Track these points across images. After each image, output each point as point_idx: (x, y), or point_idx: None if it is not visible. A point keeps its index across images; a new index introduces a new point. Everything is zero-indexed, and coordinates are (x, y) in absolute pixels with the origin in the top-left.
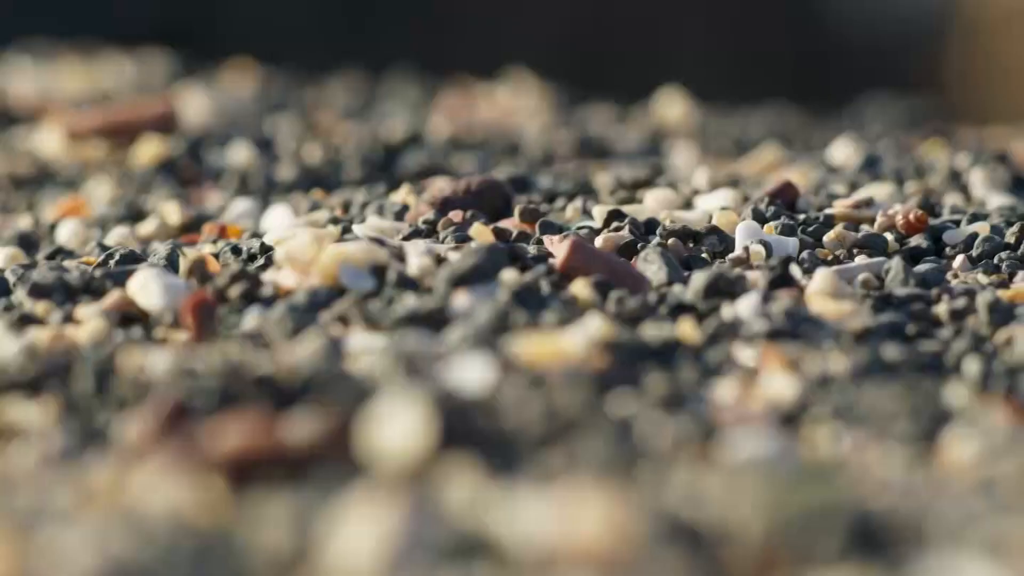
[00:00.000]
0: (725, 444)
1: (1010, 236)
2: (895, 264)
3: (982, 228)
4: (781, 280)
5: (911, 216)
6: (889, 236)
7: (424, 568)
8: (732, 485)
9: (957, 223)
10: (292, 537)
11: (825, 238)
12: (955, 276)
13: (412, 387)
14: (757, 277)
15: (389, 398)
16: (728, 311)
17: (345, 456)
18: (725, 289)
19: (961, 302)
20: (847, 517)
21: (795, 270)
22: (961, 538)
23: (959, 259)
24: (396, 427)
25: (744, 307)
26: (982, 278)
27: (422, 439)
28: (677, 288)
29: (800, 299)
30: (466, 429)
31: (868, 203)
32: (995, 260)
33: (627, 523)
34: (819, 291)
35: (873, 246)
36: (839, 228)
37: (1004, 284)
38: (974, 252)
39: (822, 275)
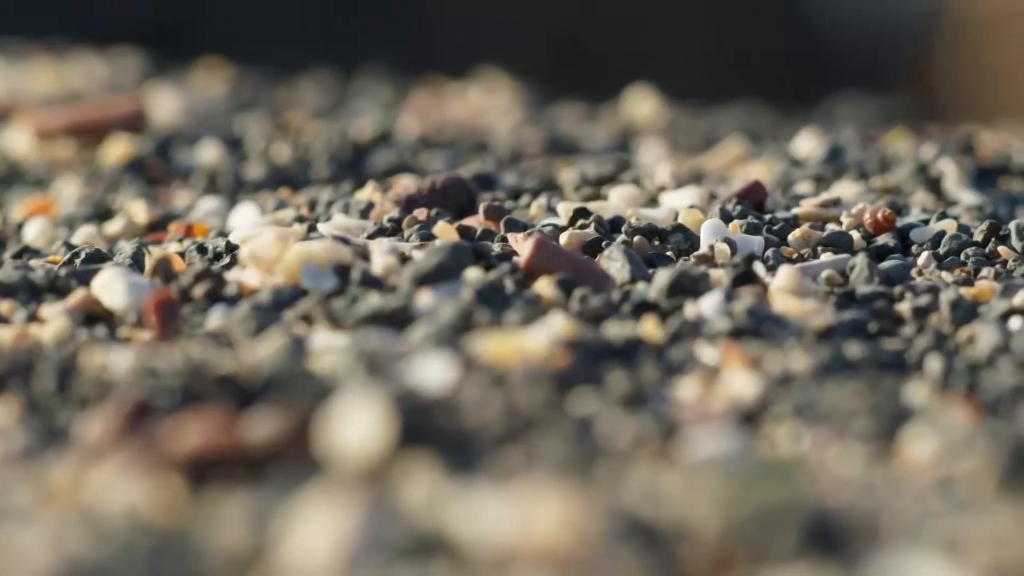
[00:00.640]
0: (685, 443)
1: (978, 235)
2: (859, 261)
3: (949, 226)
4: (745, 278)
5: (879, 215)
6: (855, 234)
7: (380, 567)
8: (690, 483)
9: (926, 222)
10: (249, 536)
11: (790, 237)
12: (920, 274)
13: (372, 386)
14: (721, 275)
15: (348, 397)
16: (691, 309)
17: (304, 455)
18: (689, 287)
19: (924, 299)
20: (803, 515)
21: (759, 268)
22: (917, 536)
23: (924, 256)
24: (355, 426)
25: (707, 305)
26: (947, 276)
27: (381, 438)
28: (641, 286)
29: (763, 297)
30: (425, 428)
31: (835, 203)
32: (961, 256)
33: (584, 521)
34: (782, 288)
35: (839, 244)
36: (805, 227)
37: (968, 281)
38: (941, 249)
39: (785, 272)
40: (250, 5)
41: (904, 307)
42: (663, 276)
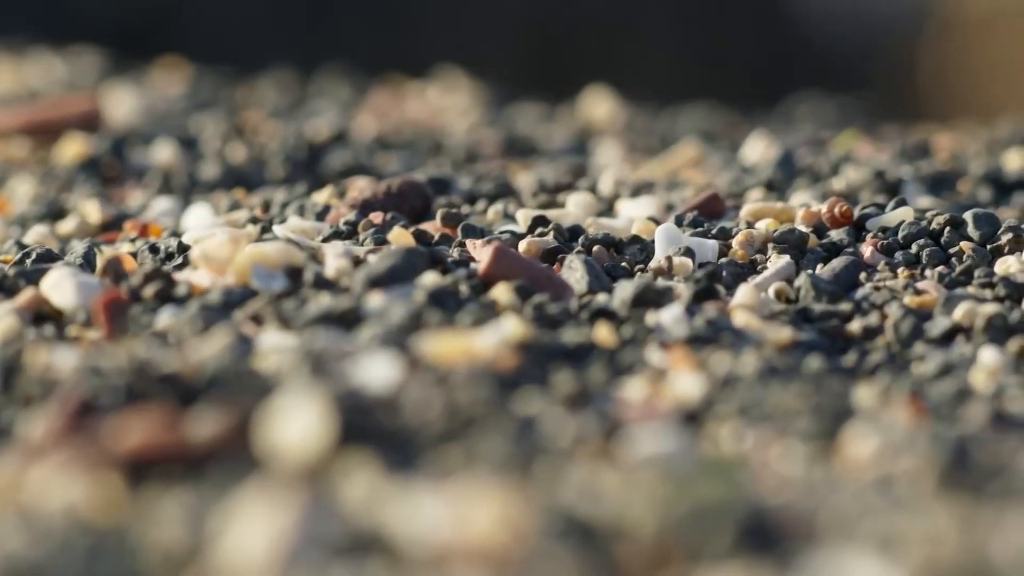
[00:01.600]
0: (627, 442)
1: (935, 224)
2: (803, 281)
3: (906, 214)
4: (706, 293)
5: (836, 210)
6: (805, 229)
7: (317, 565)
8: (628, 482)
9: (882, 207)
10: (186, 534)
11: (735, 240)
12: (868, 278)
13: (314, 385)
14: (682, 290)
15: (288, 395)
16: (651, 318)
17: (244, 453)
18: (653, 300)
19: (873, 318)
20: (739, 514)
21: (719, 288)
22: (852, 534)
23: (868, 250)
24: (295, 424)
25: (667, 316)
26: (895, 283)
27: (320, 436)
28: (602, 297)
29: (724, 311)
30: (366, 426)
31: (788, 202)
32: (913, 248)
33: (521, 520)
34: (742, 305)
35: (789, 242)
36: (747, 229)
37: (915, 289)
38: (899, 236)
39: (744, 291)
40: (221, 4)
41: (855, 327)
42: (627, 288)
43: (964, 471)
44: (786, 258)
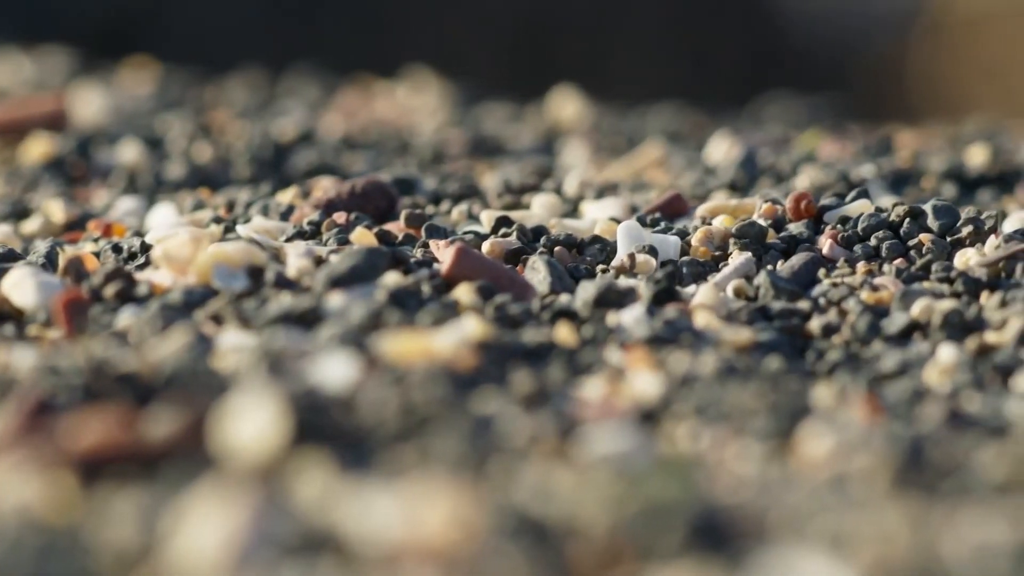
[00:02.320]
0: (582, 441)
1: (895, 216)
2: (762, 279)
3: (864, 206)
4: (667, 294)
5: (802, 204)
6: (763, 222)
7: (268, 564)
8: (581, 481)
9: (842, 196)
10: (138, 533)
11: (694, 239)
12: (826, 275)
13: (269, 384)
14: (643, 290)
15: (244, 394)
16: (612, 319)
17: (200, 452)
18: (615, 301)
19: (832, 316)
20: (690, 513)
21: (680, 288)
22: (803, 533)
23: (828, 244)
24: (249, 424)
25: (628, 316)
26: (854, 279)
27: (275, 435)
28: (564, 297)
29: (685, 312)
30: (321, 425)
31: (747, 197)
32: (872, 241)
33: (473, 519)
34: (702, 305)
35: (748, 236)
36: (705, 226)
37: (873, 285)
38: (859, 228)
39: (705, 290)
40: (203, 5)
41: (814, 325)
42: (589, 289)
43: (918, 470)
44: (746, 255)
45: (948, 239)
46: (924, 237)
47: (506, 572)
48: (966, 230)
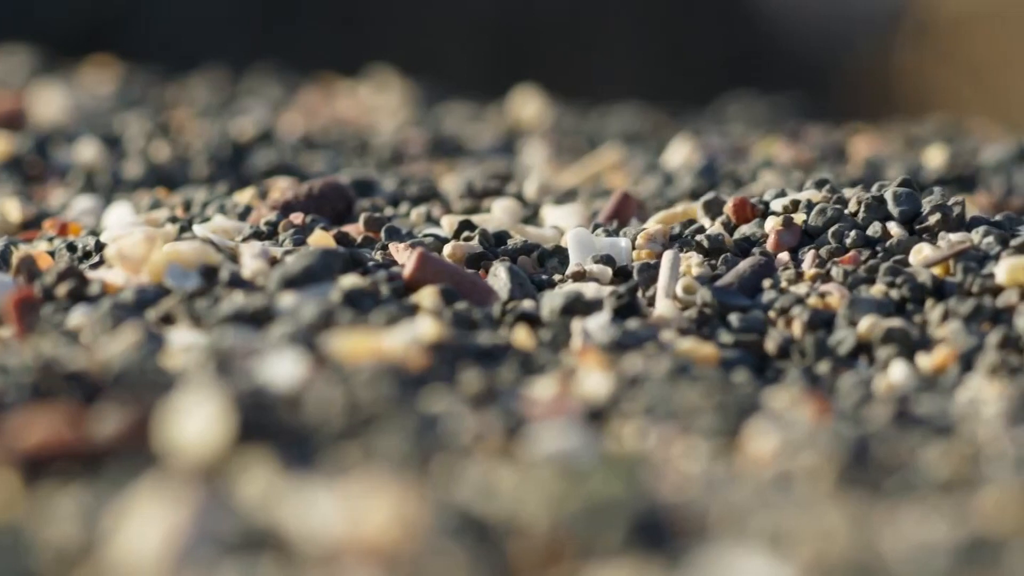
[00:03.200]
0: (529, 439)
1: (853, 205)
2: (706, 295)
3: (813, 195)
4: (628, 309)
5: (745, 207)
6: (716, 228)
7: (208, 562)
8: (524, 479)
9: (783, 193)
10: (80, 531)
11: (639, 238)
12: (773, 284)
13: (214, 382)
14: (607, 300)
15: (188, 393)
16: (576, 325)
17: (144, 451)
18: (581, 311)
19: (782, 329)
20: (632, 511)
21: (641, 297)
22: (744, 530)
23: (772, 237)
24: (193, 422)
25: (592, 324)
26: (800, 288)
27: (219, 433)
28: (528, 303)
29: (647, 324)
30: (266, 424)
31: (695, 201)
32: (829, 235)
33: (414, 517)
34: (663, 318)
35: (708, 243)
36: (652, 226)
37: (821, 280)
38: (810, 220)
39: (664, 304)
40: (175, 4)
41: (769, 346)
42: (556, 299)
43: (863, 468)
44: (669, 251)
45: (916, 228)
46: (896, 234)
47: (447, 570)
48: (933, 218)
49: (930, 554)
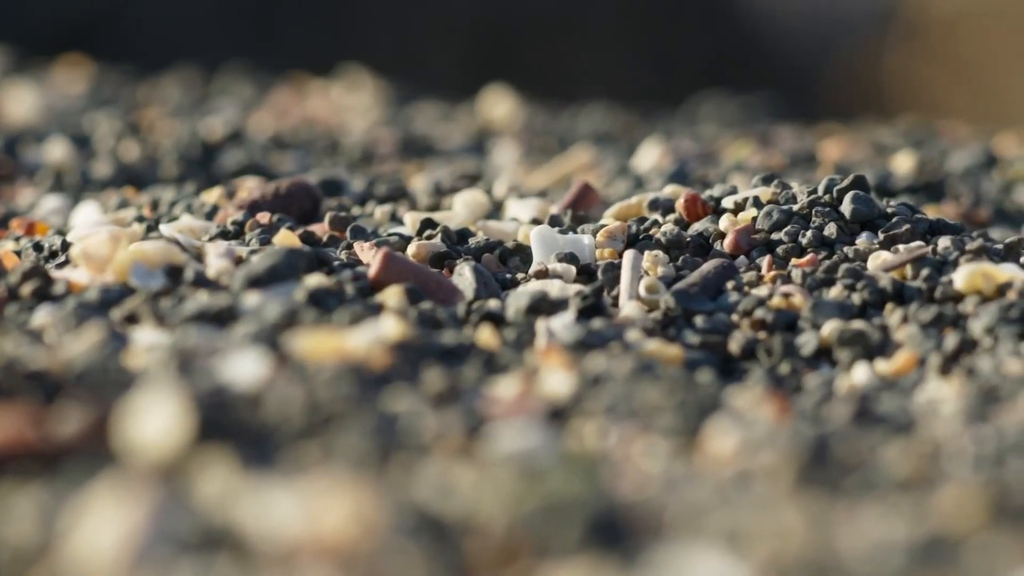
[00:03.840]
0: (489, 438)
1: (802, 196)
2: (669, 300)
3: (764, 193)
4: (593, 309)
5: (695, 204)
6: (669, 226)
7: (164, 561)
8: (482, 478)
9: (735, 191)
10: (37, 531)
11: (599, 235)
12: (734, 287)
13: (174, 382)
14: (572, 300)
15: (147, 392)
16: (540, 325)
17: (104, 450)
18: (547, 310)
19: (746, 331)
20: (589, 509)
21: (606, 301)
22: (700, 530)
23: (730, 237)
24: (153, 421)
25: (557, 324)
26: (760, 291)
27: (178, 433)
28: (493, 303)
29: (613, 324)
30: (226, 423)
31: (655, 203)
32: (784, 235)
33: (372, 516)
34: (630, 319)
35: (658, 240)
36: (610, 222)
37: (781, 281)
38: (761, 224)
39: (629, 305)
40: (158, 5)
41: (733, 347)
42: (522, 298)
43: (823, 467)
44: (630, 252)
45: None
46: (861, 243)
47: (403, 569)
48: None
49: (887, 552)
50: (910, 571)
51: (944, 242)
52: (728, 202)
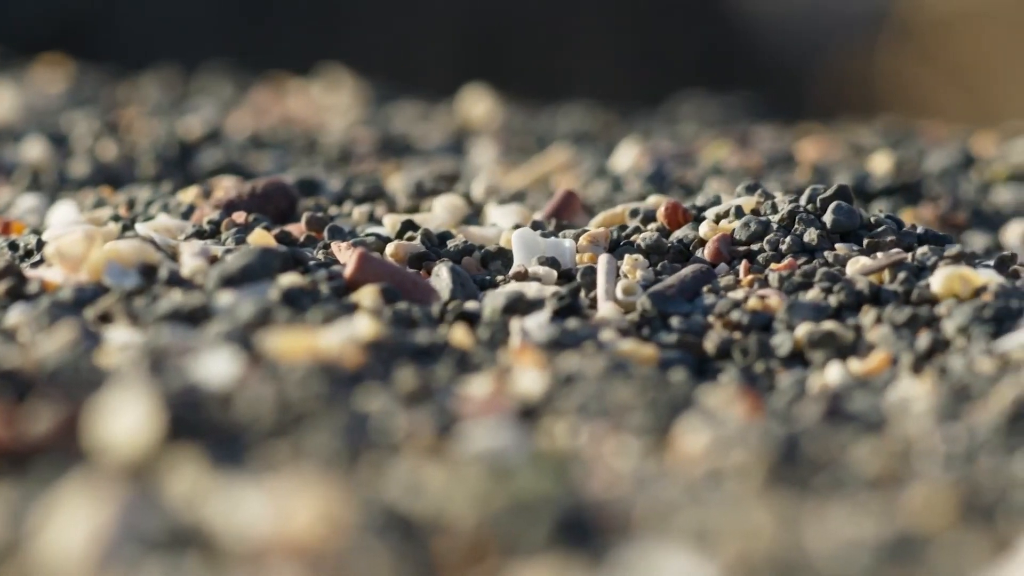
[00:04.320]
0: (460, 437)
1: (783, 205)
2: (645, 302)
3: (748, 203)
4: (569, 309)
5: (677, 212)
6: (651, 233)
7: (133, 560)
8: (452, 477)
9: (718, 200)
10: (6, 530)
11: (581, 240)
12: (711, 290)
13: (145, 380)
14: (548, 300)
15: (118, 391)
16: (515, 324)
17: (74, 449)
18: (523, 311)
19: (722, 332)
20: (557, 508)
21: (583, 299)
22: (668, 529)
23: (711, 246)
24: (123, 420)
25: (531, 323)
26: (738, 293)
27: (148, 432)
28: (471, 304)
29: (589, 324)
30: (197, 422)
31: (636, 212)
32: (761, 247)
33: (341, 515)
34: (606, 320)
35: (646, 248)
36: (594, 229)
37: (758, 285)
38: (738, 235)
39: (606, 307)
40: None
41: (709, 346)
42: (498, 298)
43: (793, 465)
44: (604, 256)
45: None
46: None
47: (371, 568)
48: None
49: (855, 551)
50: (877, 570)
51: (923, 248)
52: (711, 213)
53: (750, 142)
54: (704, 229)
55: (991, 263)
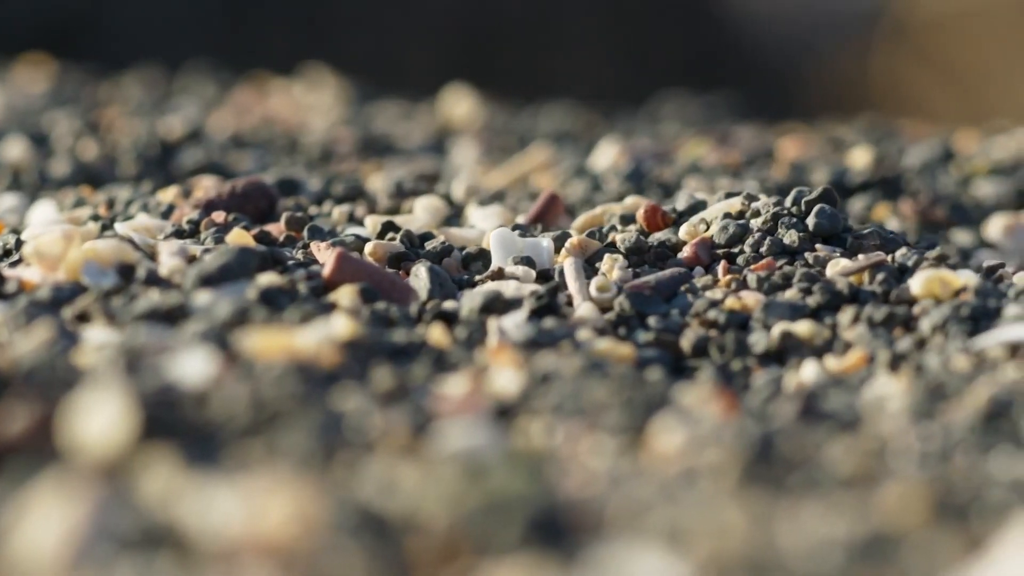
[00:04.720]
0: (435, 436)
1: (767, 208)
2: (623, 303)
3: (732, 206)
4: (547, 309)
5: (656, 215)
6: (629, 235)
7: (105, 559)
8: (426, 476)
9: (704, 203)
10: None
11: (567, 244)
12: (689, 289)
13: (120, 380)
14: (526, 300)
15: (93, 390)
16: (492, 324)
17: (48, 448)
18: (500, 310)
19: (699, 332)
20: (531, 507)
21: (562, 299)
22: (641, 527)
23: (689, 250)
24: (97, 419)
25: (508, 322)
26: (715, 293)
27: (122, 431)
28: (449, 303)
29: (567, 324)
30: (171, 421)
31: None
32: (743, 249)
33: (314, 514)
34: (583, 319)
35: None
36: (581, 236)
37: (736, 286)
38: (719, 239)
39: (584, 307)
40: (139, 5)
41: (685, 344)
42: (476, 298)
43: (768, 464)
44: (570, 260)
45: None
46: (821, 249)
47: (344, 567)
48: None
49: (827, 550)
50: (849, 569)
51: (902, 249)
52: (695, 218)
53: (730, 140)
54: (684, 233)
55: (974, 270)
